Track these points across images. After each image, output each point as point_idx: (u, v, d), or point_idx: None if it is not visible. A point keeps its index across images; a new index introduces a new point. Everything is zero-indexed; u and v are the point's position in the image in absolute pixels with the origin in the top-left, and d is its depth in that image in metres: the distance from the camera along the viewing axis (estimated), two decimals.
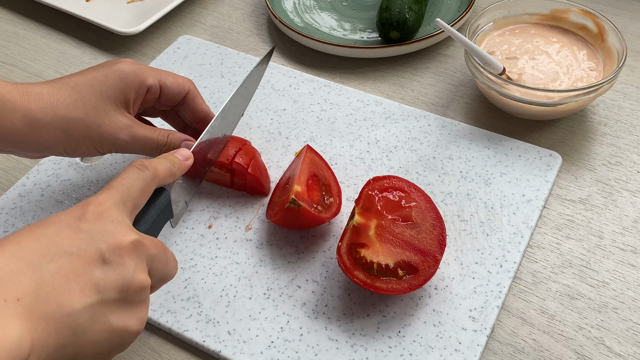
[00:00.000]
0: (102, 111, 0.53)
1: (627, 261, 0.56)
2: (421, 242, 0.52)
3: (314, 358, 0.50)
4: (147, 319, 0.42)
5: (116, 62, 0.56)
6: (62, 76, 0.55)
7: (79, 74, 0.54)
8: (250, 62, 0.76)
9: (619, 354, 0.50)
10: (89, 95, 0.53)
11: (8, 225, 0.61)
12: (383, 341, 0.51)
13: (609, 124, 0.67)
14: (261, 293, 0.54)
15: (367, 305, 0.53)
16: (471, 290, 0.53)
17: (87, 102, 0.53)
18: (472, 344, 0.50)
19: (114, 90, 0.54)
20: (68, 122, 0.52)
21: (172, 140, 0.57)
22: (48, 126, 0.51)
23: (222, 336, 0.52)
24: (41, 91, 0.52)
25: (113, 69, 0.55)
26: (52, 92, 0.52)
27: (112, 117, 0.54)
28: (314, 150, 0.61)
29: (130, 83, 0.54)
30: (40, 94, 0.51)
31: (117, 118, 0.54)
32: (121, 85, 0.54)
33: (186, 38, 0.80)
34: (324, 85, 0.72)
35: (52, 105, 0.52)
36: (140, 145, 0.56)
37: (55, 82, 0.53)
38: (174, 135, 0.57)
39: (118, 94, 0.54)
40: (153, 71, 0.57)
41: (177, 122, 0.63)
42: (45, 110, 0.51)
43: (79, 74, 0.54)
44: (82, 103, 0.53)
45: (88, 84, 0.53)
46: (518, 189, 0.60)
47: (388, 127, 0.67)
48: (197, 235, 0.59)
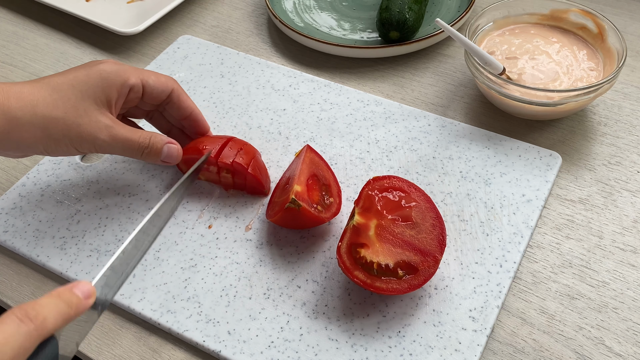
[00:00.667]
0: (82, 111, 0.53)
1: (627, 261, 0.56)
2: (421, 242, 0.52)
3: (314, 358, 0.50)
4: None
5: (98, 62, 0.55)
6: (44, 76, 0.55)
7: (61, 74, 0.54)
8: (250, 62, 0.76)
9: (619, 354, 0.50)
10: (69, 95, 0.53)
11: (8, 225, 0.61)
12: (383, 341, 0.51)
13: (609, 124, 0.67)
14: (261, 293, 0.54)
15: (367, 305, 0.53)
16: (471, 290, 0.53)
17: (67, 101, 0.53)
18: (472, 344, 0.50)
19: (95, 89, 0.54)
20: (47, 121, 0.52)
21: (154, 143, 0.57)
22: (27, 125, 0.51)
23: (222, 336, 0.52)
24: (22, 90, 0.52)
25: (95, 69, 0.54)
26: (33, 91, 0.52)
27: (92, 117, 0.53)
28: (314, 150, 0.61)
29: (112, 83, 0.54)
30: (20, 93, 0.51)
31: (97, 118, 0.54)
32: (103, 84, 0.54)
33: (186, 38, 0.80)
34: (324, 85, 0.72)
35: (32, 104, 0.51)
36: (121, 147, 0.55)
37: (36, 82, 0.53)
38: (156, 138, 0.57)
39: (99, 94, 0.54)
40: (135, 71, 0.56)
41: (161, 124, 0.63)
42: (25, 109, 0.51)
43: (61, 74, 0.54)
44: (62, 102, 0.52)
45: (69, 84, 0.53)
46: (518, 189, 0.60)
47: (388, 127, 0.67)
48: (197, 235, 0.59)
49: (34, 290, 0.58)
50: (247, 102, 0.71)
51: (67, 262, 0.58)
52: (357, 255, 0.51)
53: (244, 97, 0.72)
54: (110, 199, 0.63)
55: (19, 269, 0.59)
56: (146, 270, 0.57)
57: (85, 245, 0.59)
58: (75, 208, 0.62)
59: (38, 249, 0.59)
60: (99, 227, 0.60)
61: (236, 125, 0.69)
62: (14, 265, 0.59)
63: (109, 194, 0.63)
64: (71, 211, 0.62)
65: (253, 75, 0.74)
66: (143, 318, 0.54)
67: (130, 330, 0.54)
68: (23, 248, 0.59)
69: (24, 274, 0.59)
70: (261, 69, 0.75)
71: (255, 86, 0.73)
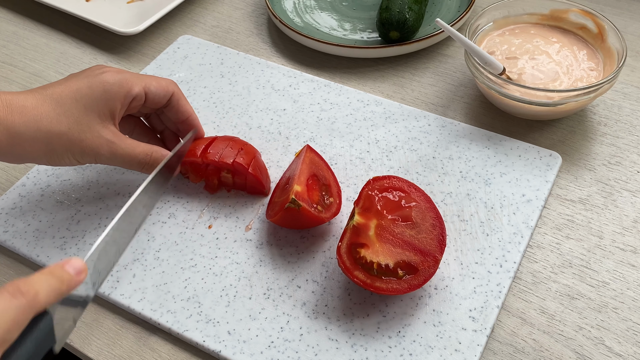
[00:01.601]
0: (85, 125, 0.53)
1: (627, 261, 0.56)
2: (421, 242, 0.52)
3: (314, 358, 0.50)
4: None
5: (100, 71, 0.55)
6: (45, 85, 0.54)
7: (63, 84, 0.54)
8: (250, 62, 0.76)
9: (619, 354, 0.50)
10: (72, 109, 0.53)
11: (8, 225, 0.61)
12: (383, 341, 0.51)
13: (609, 124, 0.67)
14: (261, 293, 0.54)
15: (367, 305, 0.53)
16: (471, 290, 0.53)
17: (71, 116, 0.53)
18: (472, 344, 0.50)
19: (98, 102, 0.54)
20: (51, 136, 0.52)
21: (155, 159, 0.57)
22: (31, 140, 0.51)
23: (222, 336, 0.52)
24: (25, 104, 0.51)
25: (97, 80, 0.54)
26: (36, 105, 0.52)
27: (95, 132, 0.54)
28: (314, 150, 0.61)
29: (115, 95, 0.54)
30: (23, 107, 0.51)
31: (100, 133, 0.54)
32: (106, 97, 0.54)
33: (186, 38, 0.80)
34: (324, 85, 0.72)
35: (36, 119, 0.51)
36: (121, 161, 0.56)
37: (38, 94, 0.53)
38: (157, 154, 0.57)
39: (102, 107, 0.54)
40: (137, 79, 0.56)
41: (156, 124, 0.63)
42: (28, 124, 0.51)
43: (63, 84, 0.54)
44: (65, 117, 0.52)
45: (72, 97, 0.53)
46: (518, 189, 0.60)
47: (388, 127, 0.67)
48: (197, 235, 0.59)
49: None
50: (247, 102, 0.71)
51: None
52: (357, 256, 0.51)
53: (244, 97, 0.72)
54: (110, 199, 0.63)
55: (19, 269, 0.59)
56: (146, 270, 0.57)
57: (85, 245, 0.59)
58: (75, 208, 0.62)
59: (38, 249, 0.59)
60: (99, 227, 0.60)
61: (236, 125, 0.69)
62: (14, 266, 0.59)
63: (109, 194, 0.63)
64: (71, 211, 0.62)
65: (253, 75, 0.74)
66: (143, 318, 0.54)
67: (130, 330, 0.54)
68: (23, 248, 0.59)
69: (24, 274, 0.59)
70: (261, 69, 0.75)
71: (255, 86, 0.73)
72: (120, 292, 0.55)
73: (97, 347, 0.53)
